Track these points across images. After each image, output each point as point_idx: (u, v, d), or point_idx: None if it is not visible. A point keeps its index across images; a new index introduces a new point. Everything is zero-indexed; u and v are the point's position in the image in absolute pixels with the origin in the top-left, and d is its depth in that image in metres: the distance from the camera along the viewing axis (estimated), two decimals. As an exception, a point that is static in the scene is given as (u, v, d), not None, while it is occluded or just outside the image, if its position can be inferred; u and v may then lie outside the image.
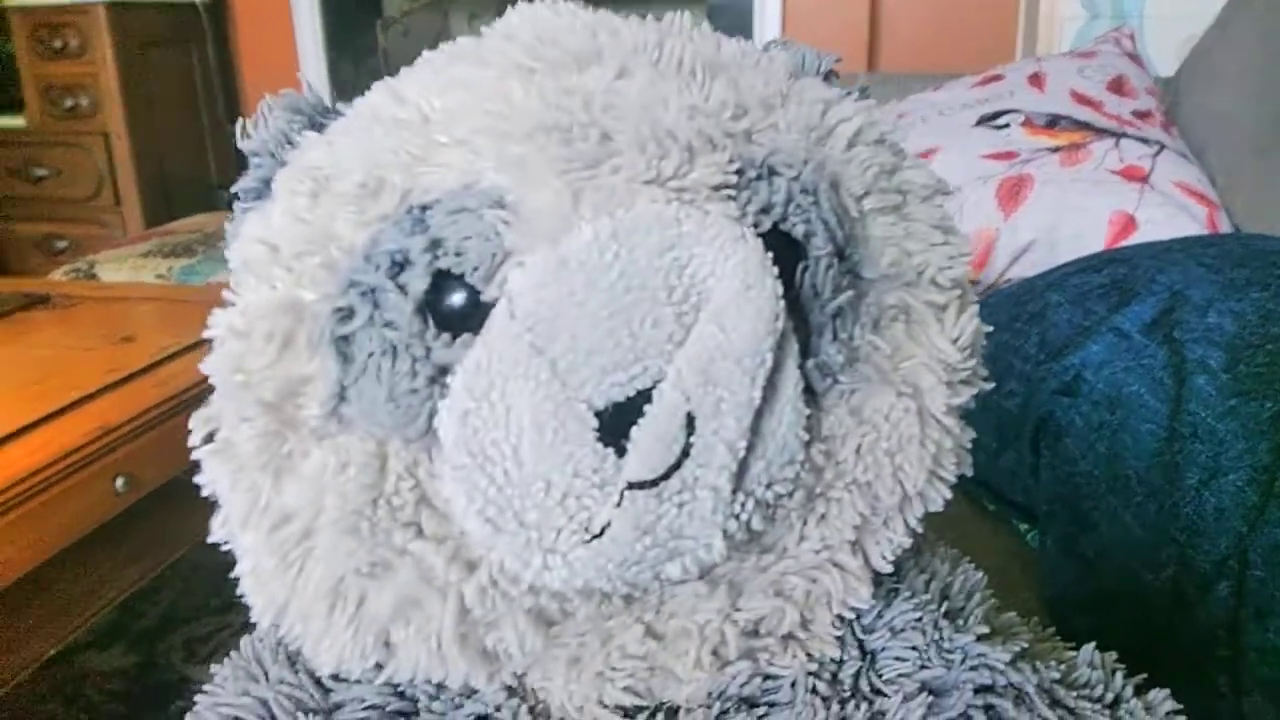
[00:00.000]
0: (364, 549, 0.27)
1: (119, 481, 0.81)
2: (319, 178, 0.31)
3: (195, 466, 0.31)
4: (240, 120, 0.36)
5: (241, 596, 0.30)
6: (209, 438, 0.31)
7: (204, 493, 0.32)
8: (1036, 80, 1.25)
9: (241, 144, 0.35)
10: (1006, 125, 1.17)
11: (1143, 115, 1.16)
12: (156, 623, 1.18)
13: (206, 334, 0.32)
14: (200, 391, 0.30)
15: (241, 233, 0.32)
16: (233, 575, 0.31)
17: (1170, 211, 1.02)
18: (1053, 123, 1.16)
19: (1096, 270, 0.70)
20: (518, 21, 0.32)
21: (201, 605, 1.19)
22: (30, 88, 2.16)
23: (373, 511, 0.27)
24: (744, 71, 0.32)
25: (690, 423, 0.26)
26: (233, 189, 0.35)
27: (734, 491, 0.27)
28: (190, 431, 0.31)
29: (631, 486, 0.26)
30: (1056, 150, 1.12)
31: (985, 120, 1.20)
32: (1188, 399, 0.55)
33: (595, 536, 0.26)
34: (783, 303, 0.26)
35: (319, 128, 0.34)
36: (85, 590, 0.85)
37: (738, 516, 0.27)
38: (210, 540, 0.32)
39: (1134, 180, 1.05)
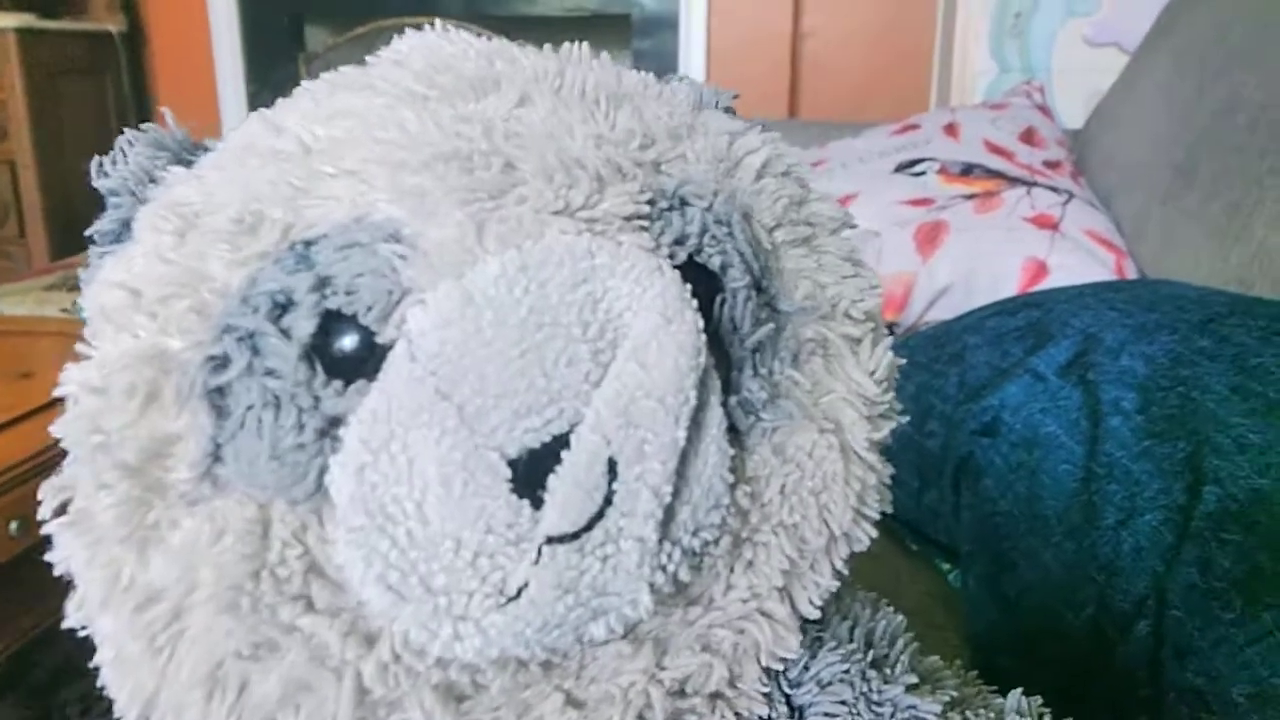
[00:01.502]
0: (244, 628, 0.24)
1: (13, 525, 0.78)
2: (187, 214, 0.28)
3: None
4: (96, 157, 0.33)
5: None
6: (61, 509, 0.27)
7: (57, 571, 0.28)
8: (951, 130, 1.30)
9: (97, 182, 0.32)
10: (923, 172, 1.22)
11: (1053, 165, 1.22)
12: (51, 675, 1.08)
13: (57, 392, 0.28)
14: None
15: (98, 278, 0.29)
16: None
17: (1080, 258, 1.06)
18: (967, 171, 1.21)
19: (1012, 314, 0.71)
20: (407, 49, 0.31)
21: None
22: (-65, 114, 2.03)
23: (254, 585, 0.24)
24: (648, 102, 0.31)
25: (612, 468, 0.24)
26: (87, 231, 0.32)
27: (660, 541, 0.25)
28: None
29: (551, 541, 0.23)
30: (971, 197, 1.16)
31: (903, 167, 1.24)
32: (1103, 440, 0.56)
33: (512, 599, 0.24)
34: (704, 337, 0.25)
35: (186, 164, 0.31)
36: None
37: (664, 568, 0.25)
38: (65, 625, 0.28)
39: (1045, 228, 1.10)
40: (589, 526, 0.24)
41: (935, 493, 0.68)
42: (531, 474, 0.23)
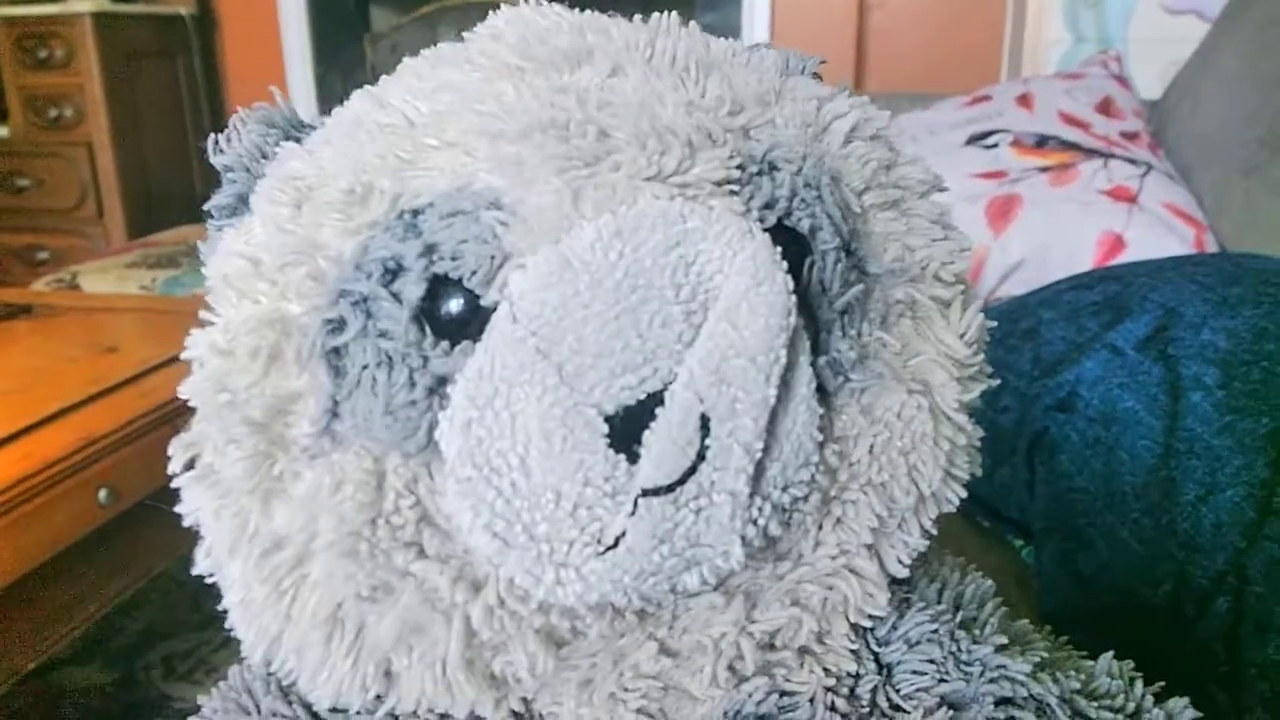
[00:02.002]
0: (363, 572, 0.26)
1: (102, 494, 0.80)
2: (301, 187, 0.29)
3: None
4: (212, 135, 0.34)
5: (223, 612, 0.29)
6: (189, 465, 0.30)
7: (185, 522, 0.30)
8: (1025, 101, 1.26)
9: (214, 159, 0.34)
10: (996, 145, 1.18)
11: (1130, 136, 1.17)
12: (136, 639, 1.15)
13: (185, 355, 0.30)
14: (185, 404, 0.29)
15: (219, 248, 0.31)
16: (219, 602, 0.29)
17: (1159, 232, 1.03)
18: (1041, 143, 1.17)
19: (1089, 288, 0.70)
20: (503, 24, 0.32)
21: (181, 621, 1.16)
22: (14, 98, 2.14)
23: (371, 532, 0.26)
24: (736, 69, 0.32)
25: (705, 425, 0.24)
26: (205, 206, 0.34)
27: (751, 495, 0.26)
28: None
29: (646, 494, 0.24)
30: (1045, 170, 1.13)
31: (974, 140, 1.21)
32: (1184, 415, 0.55)
33: (610, 548, 0.25)
34: (794, 298, 0.25)
35: (295, 141, 0.33)
36: (65, 604, 0.83)
37: (755, 522, 0.26)
38: (195, 571, 0.30)
39: (1122, 200, 1.07)
40: (683, 480, 0.25)
41: (1008, 469, 0.67)
42: (628, 430, 0.24)
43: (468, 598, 0.26)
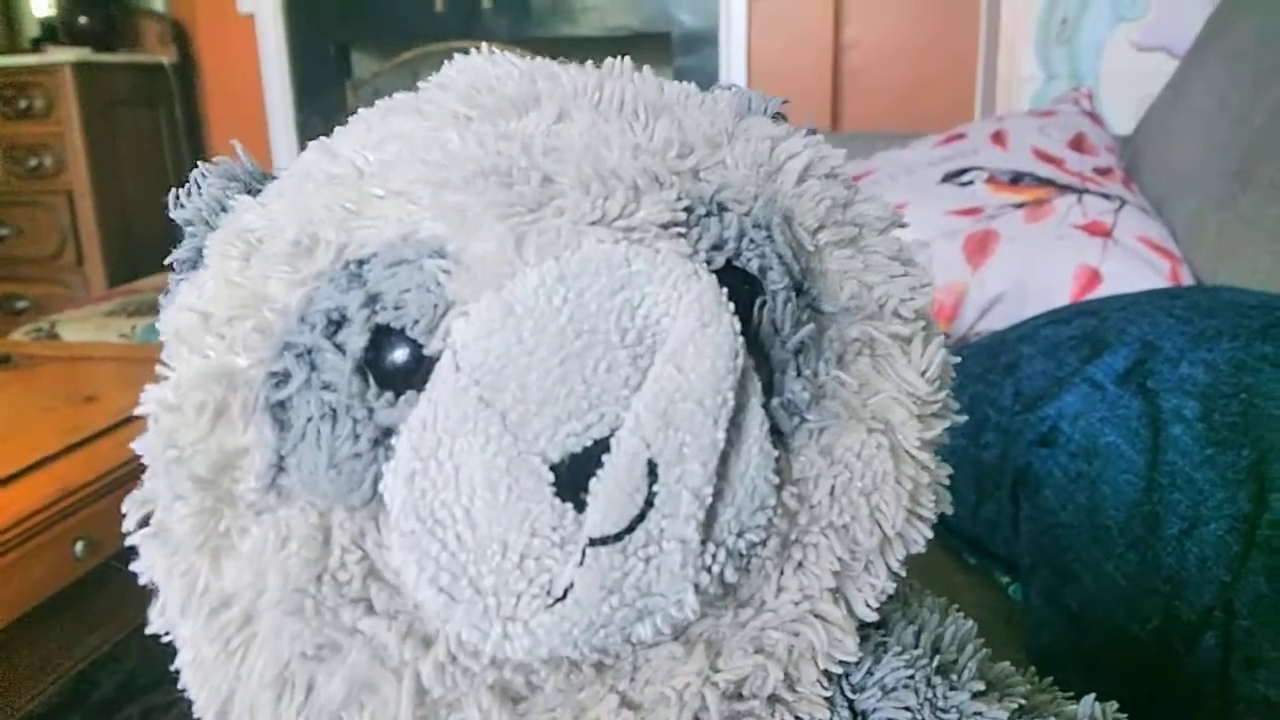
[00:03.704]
0: (309, 630, 0.25)
1: (79, 546, 0.80)
2: (251, 240, 0.29)
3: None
4: (173, 189, 0.35)
5: None
6: (145, 522, 0.29)
7: (141, 580, 0.29)
8: (999, 138, 1.28)
9: (174, 213, 0.34)
10: (971, 182, 1.20)
11: (1103, 172, 1.19)
12: (114, 692, 1.12)
13: (138, 411, 0.30)
14: None
15: (174, 303, 0.31)
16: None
17: (1134, 265, 1.03)
18: (1016, 179, 1.18)
19: (1066, 322, 0.70)
20: (453, 73, 0.32)
21: (161, 674, 1.13)
22: (-7, 147, 2.15)
23: (317, 589, 0.25)
24: (688, 111, 0.32)
25: (652, 471, 0.24)
26: (166, 260, 0.34)
27: (704, 542, 0.25)
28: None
29: (594, 543, 0.24)
30: (1021, 206, 1.14)
31: (950, 177, 1.22)
32: (1165, 449, 0.55)
33: (558, 600, 0.24)
34: (741, 339, 0.25)
35: (255, 194, 0.33)
36: (41, 659, 0.82)
37: (709, 569, 0.25)
38: (149, 631, 0.30)
39: (1097, 235, 1.07)
40: (631, 528, 0.24)
41: (993, 505, 0.67)
42: (574, 478, 0.24)
43: (418, 654, 0.26)
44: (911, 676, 0.32)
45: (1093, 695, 0.34)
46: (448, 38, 2.17)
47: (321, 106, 2.31)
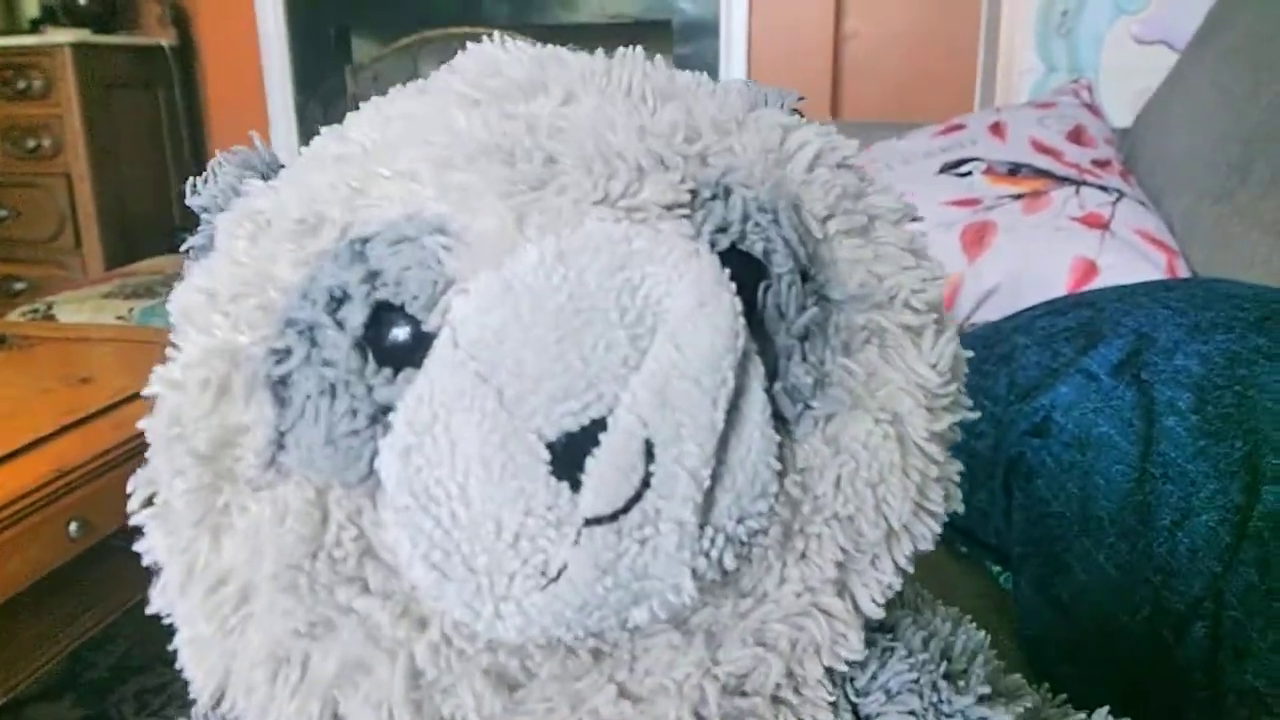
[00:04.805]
0: (303, 607, 0.25)
1: (73, 526, 0.79)
2: (259, 221, 0.29)
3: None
4: (190, 178, 0.35)
5: None
6: (149, 502, 0.29)
7: (145, 561, 0.29)
8: (998, 129, 1.27)
9: (190, 201, 0.34)
10: (969, 173, 1.19)
11: (1102, 164, 1.18)
12: (107, 674, 1.13)
13: (145, 392, 0.30)
14: None
15: (183, 283, 0.31)
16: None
17: (1131, 257, 1.03)
18: (1014, 170, 1.18)
19: (1062, 313, 0.70)
20: (463, 59, 0.32)
21: (155, 655, 1.14)
22: (-8, 129, 2.16)
23: (312, 565, 0.25)
24: (698, 99, 0.31)
25: (649, 451, 0.24)
26: (182, 248, 0.34)
27: (702, 526, 0.25)
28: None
29: (589, 523, 0.24)
30: (1019, 198, 1.13)
31: (948, 168, 1.22)
32: (1158, 440, 0.55)
33: (552, 580, 0.24)
34: (743, 321, 0.25)
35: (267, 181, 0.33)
36: (35, 639, 0.82)
37: (707, 554, 0.25)
38: (150, 610, 0.29)
39: (1095, 227, 1.07)
40: (627, 509, 0.24)
41: (985, 494, 0.67)
42: (570, 457, 0.24)
43: (412, 635, 0.25)
44: (916, 680, 0.31)
45: (1105, 709, 0.33)
46: (447, 24, 2.17)
47: (321, 90, 2.30)
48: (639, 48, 0.33)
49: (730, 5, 2.03)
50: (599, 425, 0.24)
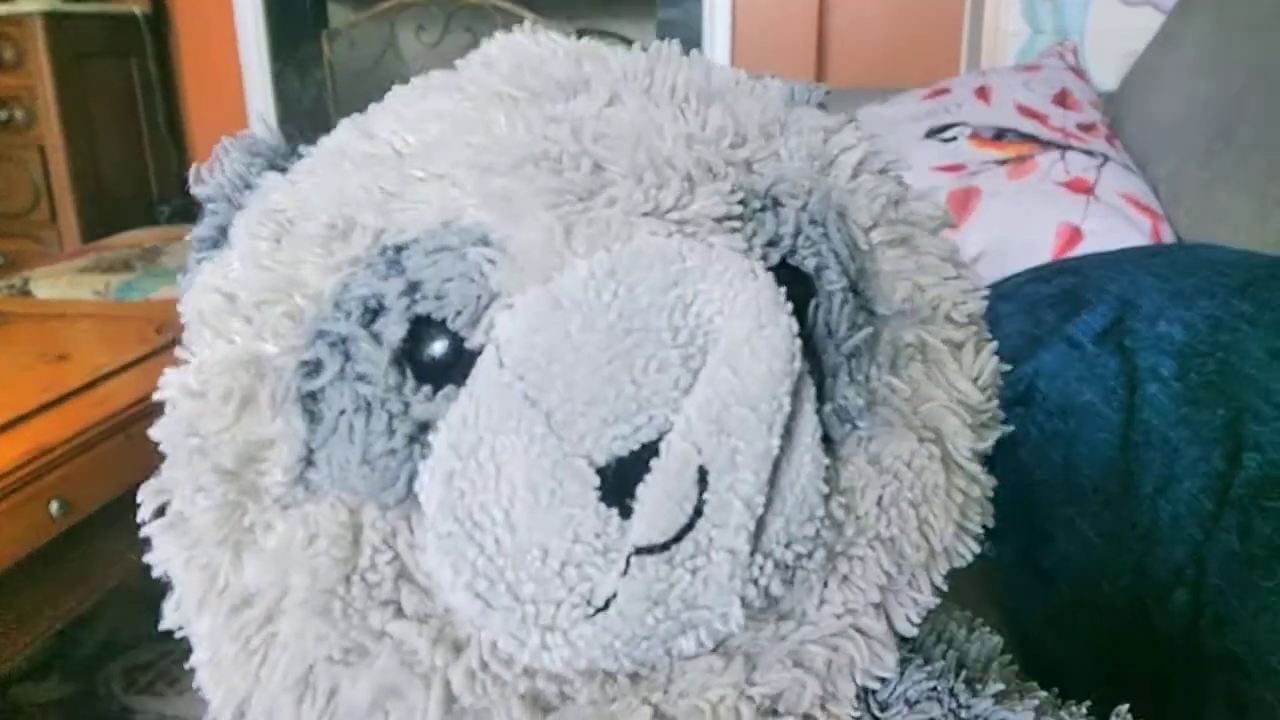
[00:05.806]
0: (336, 633, 0.24)
1: (54, 505, 0.78)
2: (282, 221, 0.28)
3: (134, 489, 0.28)
4: (195, 165, 0.33)
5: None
6: (160, 512, 0.28)
7: (155, 573, 0.28)
8: (983, 93, 1.26)
9: (195, 189, 0.33)
10: (954, 138, 1.19)
11: (1087, 128, 1.18)
12: (95, 651, 1.12)
13: (157, 396, 0.29)
14: (139, 412, 0.27)
15: (196, 283, 0.30)
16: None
17: (1116, 223, 1.03)
18: (999, 135, 1.17)
19: (1046, 280, 0.70)
20: (496, 52, 0.30)
21: (142, 632, 1.12)
22: (-37, 101, 2.09)
23: (345, 589, 0.24)
24: (739, 99, 0.30)
25: (703, 477, 0.23)
26: (187, 238, 0.33)
27: (752, 553, 0.24)
28: (139, 448, 0.28)
29: (639, 552, 0.23)
30: (1004, 163, 1.13)
31: (933, 133, 1.21)
32: (1140, 407, 0.55)
33: (599, 610, 0.23)
34: (799, 342, 0.24)
35: (279, 170, 0.31)
36: (19, 619, 0.81)
37: (756, 581, 0.24)
38: (163, 626, 0.28)
39: (1080, 192, 1.07)
40: (678, 538, 0.23)
41: None
42: (620, 482, 0.23)
43: (448, 660, 0.24)
44: (935, 689, 0.31)
45: (1125, 706, 0.33)
46: (424, -12, 2.13)
47: (296, 57, 2.23)
48: (675, 43, 0.32)
49: (714, -31, 2.00)
50: (650, 450, 0.23)
